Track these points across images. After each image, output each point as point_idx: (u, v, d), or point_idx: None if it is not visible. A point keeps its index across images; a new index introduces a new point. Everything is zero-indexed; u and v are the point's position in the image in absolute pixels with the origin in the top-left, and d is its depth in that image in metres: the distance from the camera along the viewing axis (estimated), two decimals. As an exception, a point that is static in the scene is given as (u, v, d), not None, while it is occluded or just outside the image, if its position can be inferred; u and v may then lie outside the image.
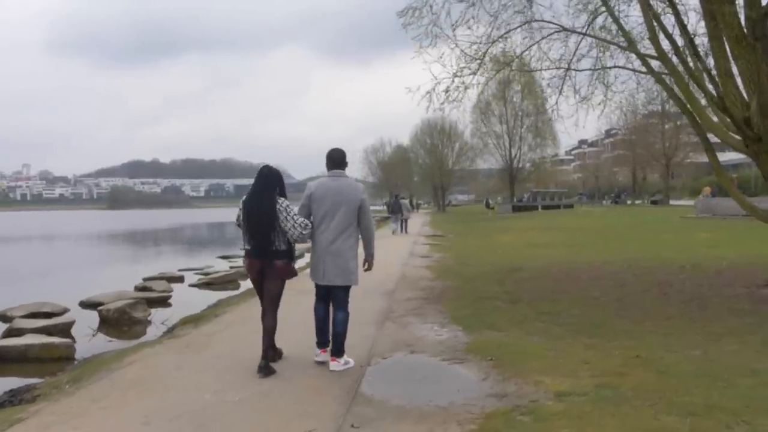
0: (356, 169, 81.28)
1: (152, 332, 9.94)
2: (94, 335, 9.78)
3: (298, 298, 8.15)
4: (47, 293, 13.94)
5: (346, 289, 6.24)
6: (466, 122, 57.67)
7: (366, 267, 6.42)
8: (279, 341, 6.39)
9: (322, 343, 6.27)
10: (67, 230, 59.85)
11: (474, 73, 13.08)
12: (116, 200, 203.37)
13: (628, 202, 73.59)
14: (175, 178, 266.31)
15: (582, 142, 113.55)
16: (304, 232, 6.01)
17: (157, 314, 11.04)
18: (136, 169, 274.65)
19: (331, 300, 6.25)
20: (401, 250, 20.15)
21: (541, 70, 13.09)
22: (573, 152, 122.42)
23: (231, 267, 19.66)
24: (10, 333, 9.42)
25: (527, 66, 13.54)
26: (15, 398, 6.33)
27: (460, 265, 15.30)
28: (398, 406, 4.95)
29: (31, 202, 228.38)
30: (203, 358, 6.67)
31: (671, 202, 60.01)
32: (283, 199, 6.11)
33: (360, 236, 6.29)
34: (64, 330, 9.78)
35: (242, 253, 6.35)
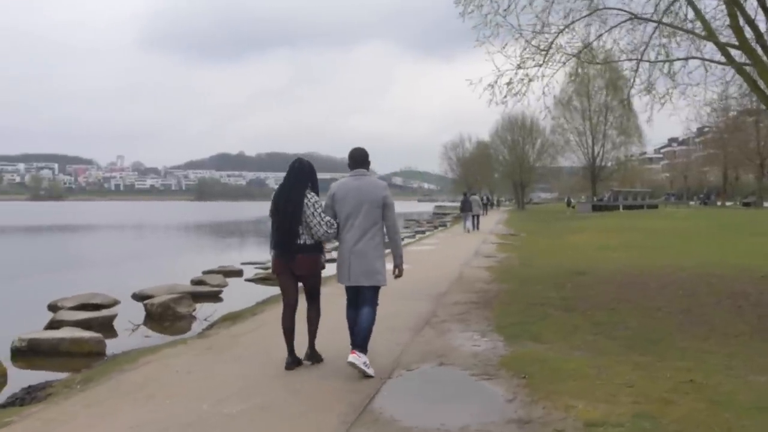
0: (435, 165, 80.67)
1: (194, 328, 9.73)
2: (133, 330, 9.63)
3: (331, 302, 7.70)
4: (107, 283, 14.08)
5: (374, 290, 6.05)
6: (545, 117, 56.38)
7: (396, 273, 6.17)
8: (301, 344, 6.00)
9: (354, 345, 5.91)
10: (151, 220, 61.72)
11: (540, 65, 12.40)
12: (203, 192, 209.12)
13: (718, 203, 70.28)
14: (260, 171, 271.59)
15: (672, 140, 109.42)
16: (329, 231, 5.92)
17: (202, 310, 10.82)
18: (222, 161, 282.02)
19: (359, 300, 6.06)
20: (467, 249, 19.55)
21: (610, 62, 12.27)
22: (662, 151, 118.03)
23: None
24: (52, 325, 9.37)
25: (596, 58, 12.71)
26: (29, 395, 6.14)
27: (523, 266, 14.60)
28: (405, 428, 4.45)
29: (123, 193, 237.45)
30: (220, 362, 6.34)
31: (765, 204, 56.87)
32: (313, 194, 6.01)
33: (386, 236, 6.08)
34: (104, 323, 9.68)
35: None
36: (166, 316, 10.39)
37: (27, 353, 7.97)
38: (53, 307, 11.19)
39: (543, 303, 9.35)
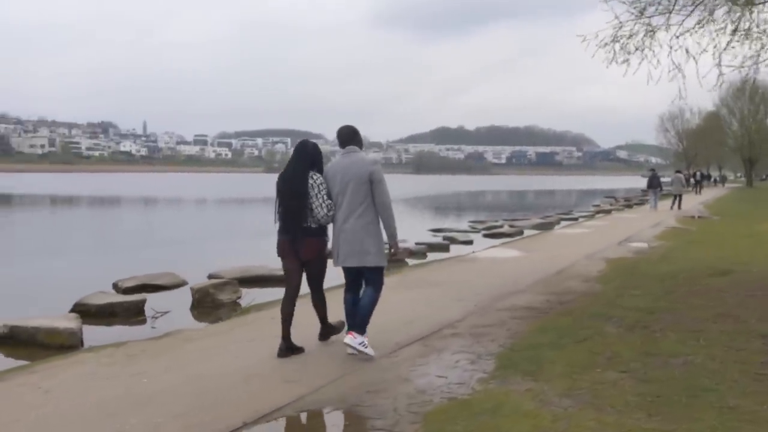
0: (651, 137, 74.46)
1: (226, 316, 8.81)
2: (154, 318, 8.90)
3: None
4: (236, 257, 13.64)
5: (374, 270, 5.84)
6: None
7: (392, 253, 5.97)
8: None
9: (351, 326, 5.83)
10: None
11: (667, 12, 9.97)
12: (421, 165, 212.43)
13: None
14: (478, 144, 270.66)
15: None
16: (329, 214, 5.76)
17: (250, 295, 9.93)
18: (442, 135, 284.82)
19: (364, 281, 5.91)
20: (621, 234, 17.02)
21: None
22: None
23: (443, 238, 18.22)
24: (75, 308, 8.90)
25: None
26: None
27: (660, 260, 12.01)
28: None
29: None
30: (170, 367, 5.27)
31: None
32: (318, 176, 5.84)
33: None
34: (131, 309, 9.04)
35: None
36: (204, 302, 9.57)
37: (7, 340, 7.47)
38: (115, 287, 10.87)
39: (609, 316, 7.22)
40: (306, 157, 5.92)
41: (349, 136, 5.99)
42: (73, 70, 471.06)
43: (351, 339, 5.64)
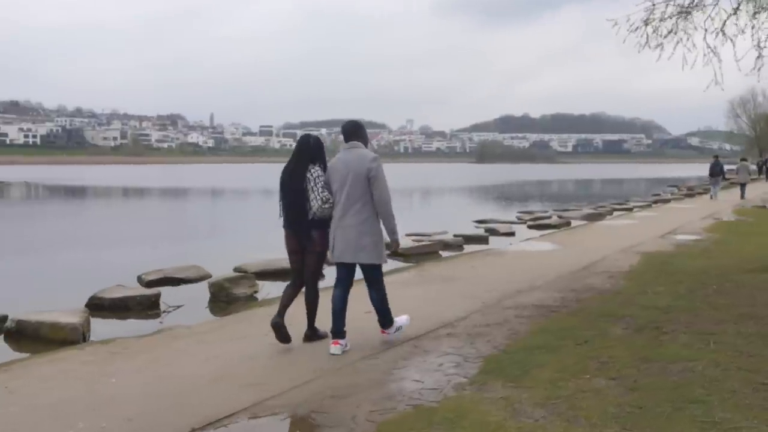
0: (720, 124, 71.51)
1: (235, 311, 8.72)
2: (164, 313, 8.87)
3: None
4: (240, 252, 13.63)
5: (371, 268, 5.86)
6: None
7: (392, 250, 6.13)
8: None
9: (335, 333, 5.77)
10: (408, 182, 62.34)
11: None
12: (484, 154, 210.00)
13: None
14: (543, 133, 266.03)
15: None
16: (324, 206, 5.74)
17: (267, 289, 9.81)
18: (506, 123, 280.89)
19: (366, 284, 5.95)
20: (667, 226, 16.32)
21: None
22: None
23: (484, 229, 17.88)
24: (90, 301, 8.94)
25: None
26: None
27: (696, 255, 11.35)
28: None
29: (411, 155, 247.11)
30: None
31: None
32: (317, 169, 5.86)
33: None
34: (143, 303, 9.03)
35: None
36: (218, 297, 9.51)
37: (15, 334, 7.55)
38: (139, 279, 10.92)
39: (621, 316, 6.81)
40: (307, 151, 5.96)
41: (352, 131, 5.99)
42: (144, 64, 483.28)
43: (336, 348, 5.69)
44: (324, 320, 6.03)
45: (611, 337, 6.06)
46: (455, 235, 16.06)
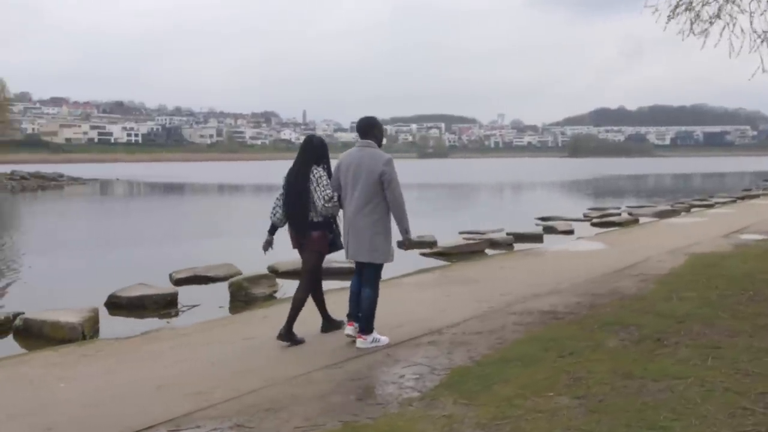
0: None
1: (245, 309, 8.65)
2: (181, 312, 8.88)
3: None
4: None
5: (373, 267, 5.88)
6: None
7: (405, 246, 6.13)
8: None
9: (350, 315, 5.99)
10: (491, 178, 61.37)
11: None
12: (576, 148, 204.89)
13: None
14: (640, 125, 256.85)
15: None
16: (327, 205, 5.78)
17: (285, 288, 9.70)
18: (601, 116, 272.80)
19: (363, 277, 5.92)
20: (739, 223, 15.36)
21: None
22: None
23: (544, 228, 17.18)
24: (108, 301, 9.05)
25: None
26: None
27: (752, 257, 10.41)
28: None
29: (502, 150, 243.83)
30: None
31: None
32: (319, 169, 5.92)
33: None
34: (159, 302, 9.06)
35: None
36: (237, 297, 9.45)
37: (22, 332, 7.69)
38: (170, 277, 11.02)
39: (626, 325, 6.29)
40: (311, 152, 6.04)
41: (366, 129, 5.98)
42: (239, 63, 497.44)
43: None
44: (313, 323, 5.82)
45: (603, 350, 5.58)
46: (508, 234, 15.53)
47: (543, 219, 19.96)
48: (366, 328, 5.85)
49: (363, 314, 5.85)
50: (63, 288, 10.80)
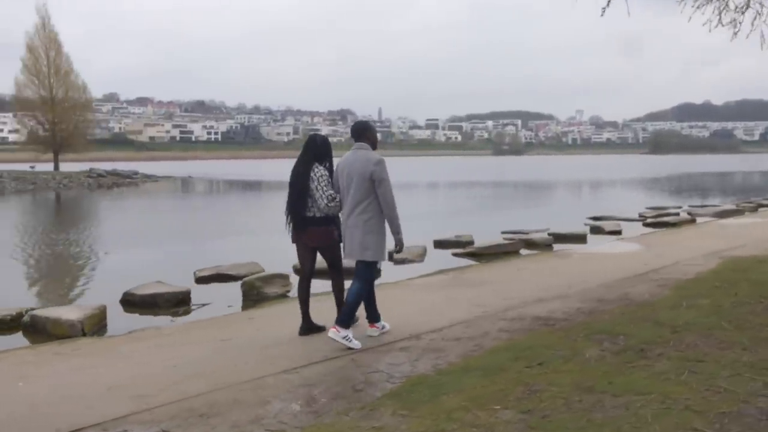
0: None
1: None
2: (185, 311, 8.95)
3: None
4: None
5: (363, 263, 5.99)
6: None
7: (396, 249, 6.05)
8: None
9: (369, 318, 6.24)
10: (561, 175, 60.04)
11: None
12: (658, 144, 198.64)
13: None
14: (727, 121, 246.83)
15: None
16: (329, 204, 5.96)
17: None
18: (685, 111, 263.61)
19: (354, 272, 6.06)
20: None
21: None
22: None
23: (591, 228, 16.52)
24: (122, 298, 9.21)
25: None
26: None
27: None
28: None
29: (580, 147, 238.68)
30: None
31: None
32: (320, 168, 6.09)
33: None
34: (171, 300, 9.16)
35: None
36: (249, 296, 9.48)
37: (29, 328, 7.90)
38: (194, 275, 11.16)
39: (614, 335, 5.95)
40: (313, 150, 6.20)
41: (360, 132, 6.14)
42: (316, 61, 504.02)
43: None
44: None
45: (576, 360, 5.29)
46: (549, 234, 15.11)
47: (594, 219, 19.34)
48: (344, 321, 5.83)
49: (345, 307, 5.90)
50: (88, 284, 11.07)
